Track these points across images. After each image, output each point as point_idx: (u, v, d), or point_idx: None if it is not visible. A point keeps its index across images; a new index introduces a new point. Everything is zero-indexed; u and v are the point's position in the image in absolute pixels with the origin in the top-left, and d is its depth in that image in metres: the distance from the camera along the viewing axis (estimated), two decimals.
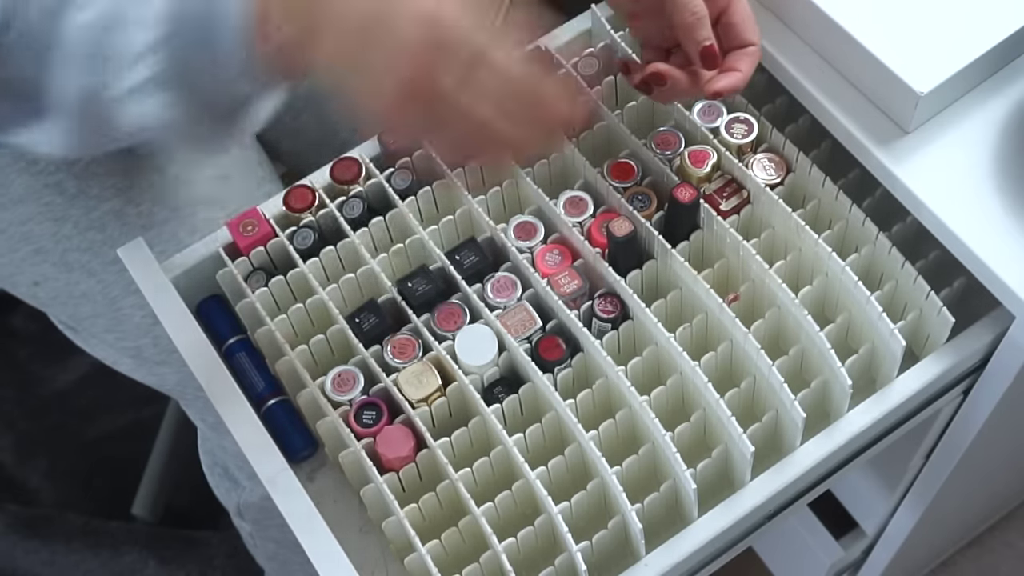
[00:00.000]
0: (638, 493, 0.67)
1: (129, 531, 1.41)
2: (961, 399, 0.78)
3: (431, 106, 0.58)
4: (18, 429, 1.50)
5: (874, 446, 0.74)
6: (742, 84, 0.69)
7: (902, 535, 1.01)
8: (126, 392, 1.15)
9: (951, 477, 0.87)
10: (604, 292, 0.72)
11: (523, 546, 0.67)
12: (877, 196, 0.75)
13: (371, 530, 0.73)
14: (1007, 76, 0.74)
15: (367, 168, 0.78)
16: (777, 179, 0.75)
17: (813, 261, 0.72)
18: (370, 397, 0.70)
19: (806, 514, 1.13)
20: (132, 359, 0.93)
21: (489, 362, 0.70)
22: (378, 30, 0.57)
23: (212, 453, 1.04)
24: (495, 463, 0.69)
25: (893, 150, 0.72)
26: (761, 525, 0.72)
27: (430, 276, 0.73)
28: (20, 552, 1.40)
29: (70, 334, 0.97)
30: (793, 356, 0.71)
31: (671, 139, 0.77)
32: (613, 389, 0.71)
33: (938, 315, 0.70)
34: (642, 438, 0.70)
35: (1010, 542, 1.34)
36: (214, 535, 1.40)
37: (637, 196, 0.75)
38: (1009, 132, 0.72)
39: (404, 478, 0.69)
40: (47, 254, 0.89)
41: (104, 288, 0.89)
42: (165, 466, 1.44)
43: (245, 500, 1.00)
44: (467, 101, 0.58)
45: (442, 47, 0.57)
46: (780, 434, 0.70)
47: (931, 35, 0.72)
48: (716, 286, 0.71)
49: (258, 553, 1.09)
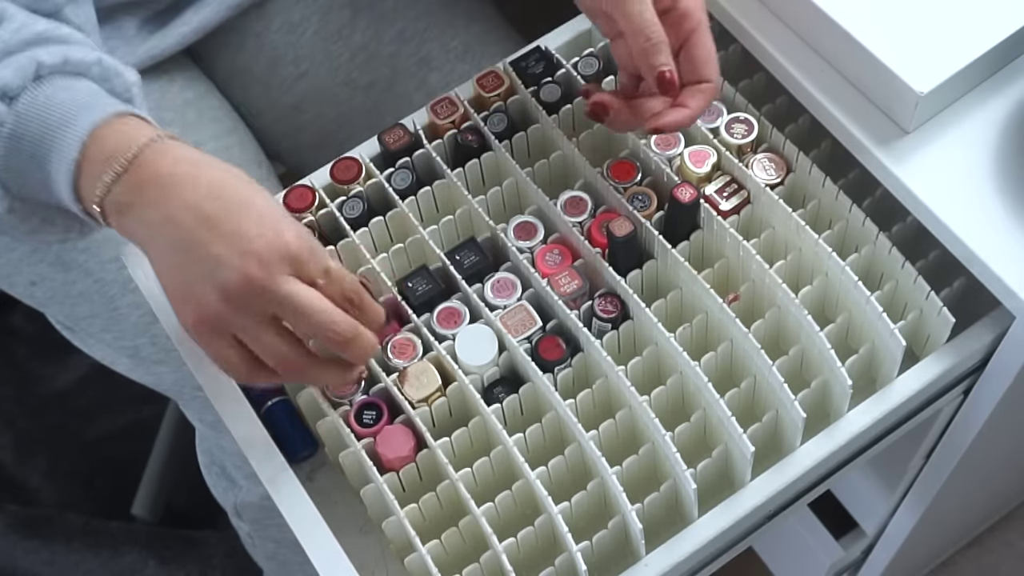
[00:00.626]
0: (638, 493, 0.67)
1: (129, 531, 1.41)
2: (961, 399, 0.78)
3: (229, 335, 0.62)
4: (18, 429, 1.50)
5: (874, 446, 0.74)
6: (688, 122, 0.68)
7: (902, 535, 1.01)
8: (126, 392, 1.15)
9: (951, 477, 0.87)
10: (604, 292, 0.72)
11: (523, 546, 0.67)
12: (877, 196, 0.75)
13: (371, 530, 0.73)
14: (1007, 76, 0.74)
15: (367, 168, 0.78)
16: (777, 179, 0.75)
17: (813, 261, 0.72)
18: (370, 397, 0.70)
19: (806, 514, 1.13)
20: (129, 359, 0.93)
21: (489, 362, 0.70)
22: (186, 270, 0.61)
23: (210, 452, 1.04)
24: (495, 463, 0.69)
25: (893, 150, 0.72)
26: (761, 525, 0.72)
27: (430, 276, 0.73)
28: (20, 552, 1.40)
29: (68, 334, 0.97)
30: (793, 356, 0.71)
31: (671, 139, 0.77)
32: (613, 389, 0.71)
33: (938, 315, 0.70)
34: (642, 438, 0.70)
35: (1010, 542, 1.34)
36: (214, 535, 1.40)
37: (637, 196, 0.75)
38: (1009, 132, 0.72)
39: (404, 478, 0.69)
40: (44, 253, 0.89)
41: (101, 287, 0.89)
42: (165, 466, 1.44)
43: (243, 500, 1.00)
44: (262, 344, 0.62)
45: (238, 303, 0.60)
46: (780, 434, 0.70)
47: (931, 35, 0.72)
48: (716, 286, 0.71)
49: (257, 553, 1.09)
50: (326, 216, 0.76)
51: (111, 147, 0.61)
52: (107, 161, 0.61)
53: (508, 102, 0.79)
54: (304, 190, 0.77)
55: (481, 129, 0.78)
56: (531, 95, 0.78)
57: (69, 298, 0.91)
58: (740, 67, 0.82)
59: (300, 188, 0.77)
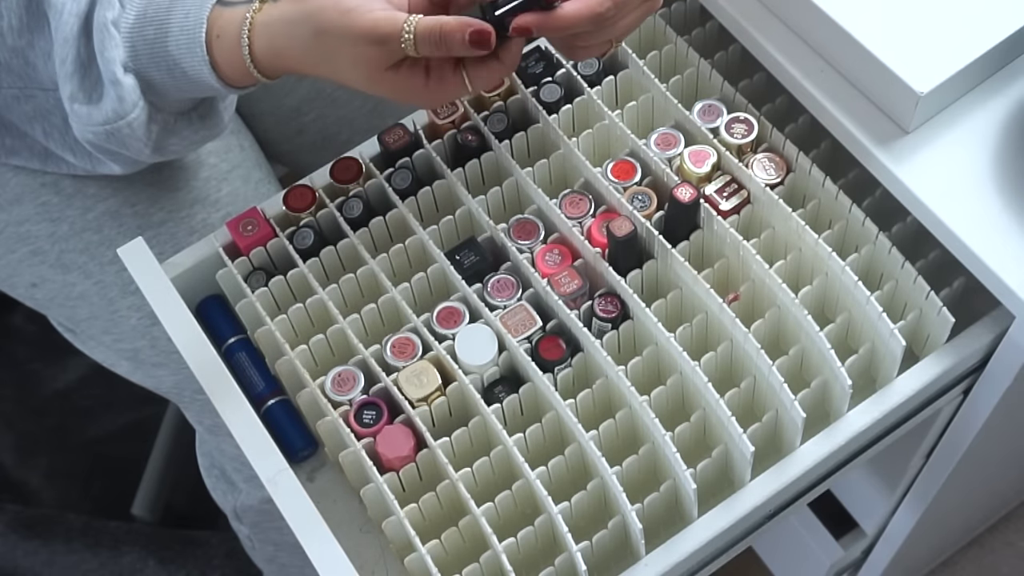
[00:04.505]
0: (638, 493, 0.67)
1: (129, 531, 1.41)
2: (961, 399, 0.78)
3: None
4: (18, 429, 1.50)
5: (874, 446, 0.74)
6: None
7: (902, 535, 1.01)
8: (126, 392, 1.15)
9: (951, 477, 0.87)
10: (604, 292, 0.72)
11: (523, 546, 0.67)
12: (877, 196, 0.75)
13: (371, 530, 0.73)
14: (1007, 76, 0.74)
15: (367, 168, 0.78)
16: (777, 179, 0.75)
17: (813, 261, 0.72)
18: (370, 397, 0.70)
19: (806, 514, 1.13)
20: (129, 361, 0.93)
21: (489, 362, 0.70)
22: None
23: (210, 455, 1.04)
24: (495, 463, 0.69)
25: (893, 150, 0.72)
26: (761, 525, 0.72)
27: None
28: (20, 552, 1.40)
29: (69, 336, 0.97)
30: (793, 356, 0.71)
31: (671, 139, 0.77)
32: (613, 389, 0.71)
33: (938, 315, 0.70)
34: (642, 438, 0.70)
35: (1011, 541, 1.34)
36: (213, 535, 1.40)
37: (637, 196, 0.75)
38: (1009, 132, 0.72)
39: (404, 478, 0.69)
40: (44, 255, 0.89)
41: (101, 290, 0.89)
42: (165, 466, 1.44)
43: (242, 503, 1.00)
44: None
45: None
46: (780, 434, 0.70)
47: (931, 35, 0.72)
48: (716, 286, 0.71)
49: (256, 556, 1.09)
50: (326, 216, 0.76)
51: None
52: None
53: (508, 102, 0.79)
54: (304, 190, 0.77)
55: (481, 129, 0.78)
56: (531, 95, 0.78)
57: (69, 300, 0.91)
58: (740, 67, 0.83)
59: (300, 188, 0.77)
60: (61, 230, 0.88)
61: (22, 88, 0.75)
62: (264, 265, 0.76)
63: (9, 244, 0.89)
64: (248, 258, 0.75)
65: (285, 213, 0.77)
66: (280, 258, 0.76)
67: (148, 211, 0.88)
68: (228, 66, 0.68)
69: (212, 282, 0.77)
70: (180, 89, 0.70)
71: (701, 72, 0.80)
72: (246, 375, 0.76)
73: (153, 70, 0.69)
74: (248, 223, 0.76)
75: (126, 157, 0.76)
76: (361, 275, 0.75)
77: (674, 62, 0.83)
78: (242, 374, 0.76)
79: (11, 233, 0.89)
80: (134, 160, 0.77)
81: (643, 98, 0.80)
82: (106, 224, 0.88)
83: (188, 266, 0.77)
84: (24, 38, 0.72)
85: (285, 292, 0.75)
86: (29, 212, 0.88)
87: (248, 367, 0.76)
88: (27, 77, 0.74)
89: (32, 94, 0.76)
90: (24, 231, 0.88)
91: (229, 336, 0.77)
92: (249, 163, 0.94)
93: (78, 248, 0.88)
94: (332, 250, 0.75)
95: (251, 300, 0.74)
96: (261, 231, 0.75)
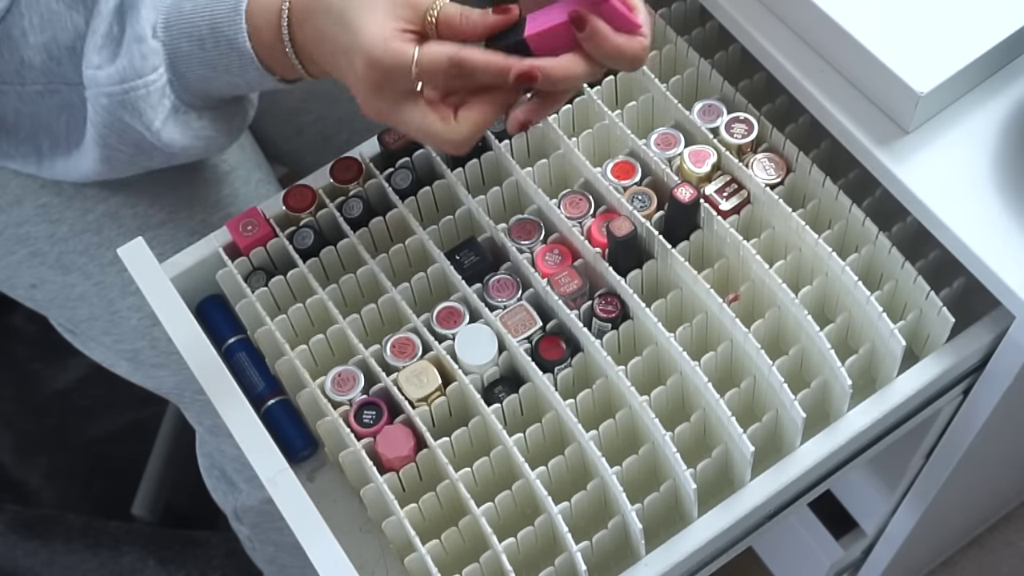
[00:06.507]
0: (638, 493, 0.67)
1: (129, 531, 1.41)
2: (961, 399, 0.78)
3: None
4: (18, 429, 1.50)
5: (874, 446, 0.74)
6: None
7: (902, 535, 1.01)
8: (126, 392, 1.15)
9: (951, 477, 0.87)
10: (604, 292, 0.72)
11: (523, 546, 0.67)
12: (877, 196, 0.75)
13: (371, 530, 0.73)
14: (1007, 76, 0.74)
15: (367, 168, 0.78)
16: (777, 179, 0.75)
17: (813, 261, 0.72)
18: (370, 397, 0.70)
19: (806, 514, 1.13)
20: (129, 362, 0.93)
21: (489, 362, 0.70)
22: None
23: (210, 456, 1.04)
24: (495, 463, 0.69)
25: (893, 150, 0.72)
26: (761, 525, 0.72)
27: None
28: (20, 552, 1.40)
29: (70, 337, 0.97)
30: (793, 356, 0.71)
31: (671, 139, 0.77)
32: (613, 389, 0.71)
33: (938, 315, 0.70)
34: (642, 438, 0.70)
35: (1011, 541, 1.34)
36: (213, 535, 1.40)
37: (637, 196, 0.75)
38: (1009, 132, 0.72)
39: (404, 478, 0.69)
40: (44, 256, 0.89)
41: (101, 290, 0.89)
42: (165, 466, 1.44)
43: (242, 504, 1.00)
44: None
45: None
46: (780, 434, 0.70)
47: (931, 35, 0.72)
48: (716, 286, 0.71)
49: (257, 557, 1.09)
50: (326, 216, 0.76)
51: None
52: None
53: None
54: (304, 190, 0.77)
55: None
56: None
57: (69, 301, 0.91)
58: (740, 67, 0.83)
59: (300, 188, 0.77)
60: (61, 231, 0.88)
61: (46, 84, 0.75)
62: (264, 265, 0.76)
63: (9, 245, 0.89)
64: (248, 258, 0.75)
65: (285, 213, 0.77)
66: (280, 258, 0.76)
67: (148, 212, 0.88)
68: (264, 32, 0.68)
69: (212, 282, 0.77)
70: (207, 63, 0.70)
71: (701, 72, 0.80)
72: (246, 375, 0.76)
73: (183, 41, 0.70)
74: (248, 223, 0.76)
75: (134, 143, 0.75)
76: (361, 275, 0.75)
77: (674, 62, 0.83)
78: (242, 374, 0.76)
79: (11, 234, 0.89)
80: (138, 149, 0.76)
81: (643, 98, 0.80)
82: (106, 225, 0.88)
83: (188, 266, 0.77)
84: (47, 34, 0.72)
85: (285, 292, 0.75)
86: (29, 213, 0.88)
87: (248, 367, 0.76)
88: (51, 72, 0.74)
89: (56, 89, 0.75)
90: (24, 232, 0.88)
91: (229, 336, 0.77)
92: (249, 163, 0.94)
93: (78, 249, 0.88)
94: (332, 250, 0.75)
95: (251, 300, 0.74)
96: (261, 231, 0.75)
